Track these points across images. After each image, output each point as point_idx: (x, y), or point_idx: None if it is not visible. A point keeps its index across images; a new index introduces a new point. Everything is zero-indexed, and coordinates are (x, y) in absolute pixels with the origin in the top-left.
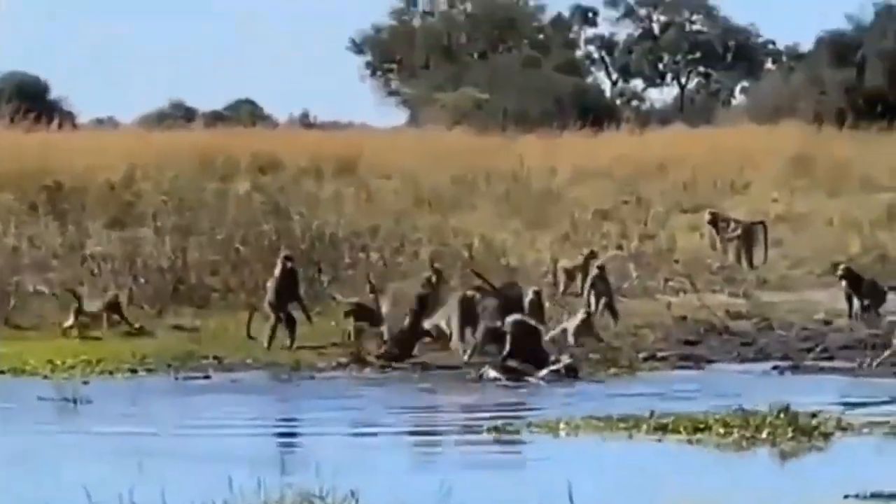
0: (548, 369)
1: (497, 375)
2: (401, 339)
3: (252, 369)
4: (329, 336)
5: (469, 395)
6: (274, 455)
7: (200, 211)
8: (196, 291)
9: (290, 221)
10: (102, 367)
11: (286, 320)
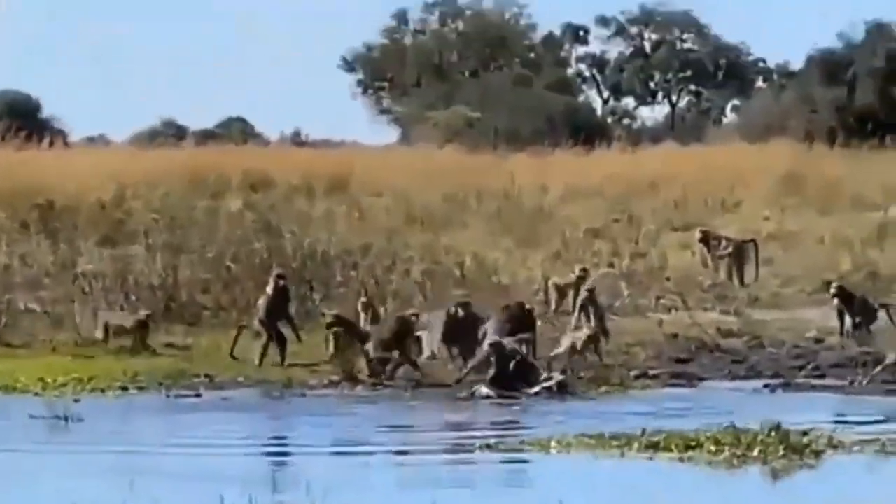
0: (540, 386)
1: (489, 393)
2: (386, 359)
3: (243, 387)
4: (320, 354)
5: (461, 413)
6: (265, 473)
7: (191, 229)
8: (187, 309)
9: (282, 239)
10: (94, 385)
11: (277, 338)
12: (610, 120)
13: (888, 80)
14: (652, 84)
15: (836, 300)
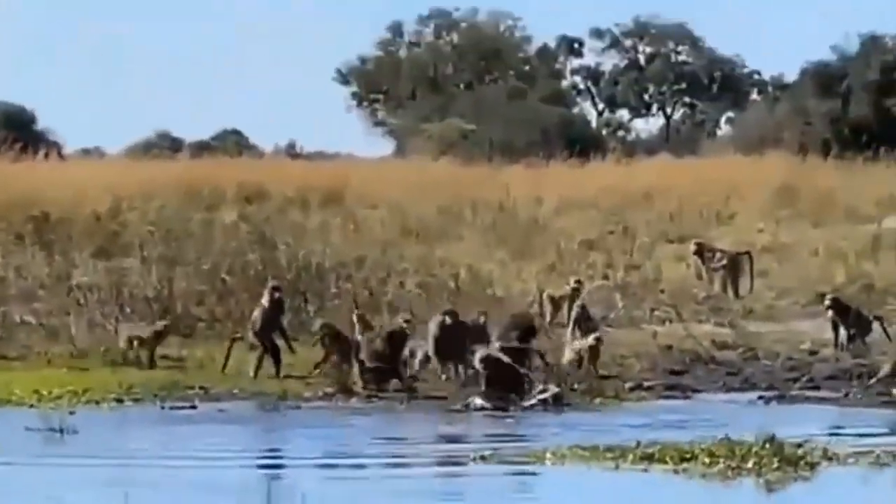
0: (536, 398)
1: (483, 404)
2: (380, 370)
3: (238, 399)
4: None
5: (455, 425)
6: (260, 485)
7: (186, 241)
8: (182, 321)
9: (277, 251)
10: (89, 397)
11: (272, 350)
12: (605, 132)
13: (882, 93)
14: (646, 96)
15: (831, 312)
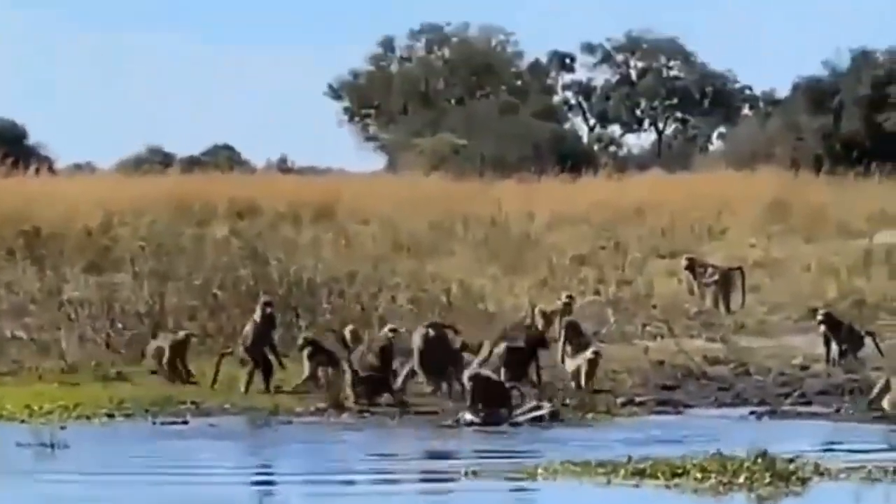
0: (530, 414)
1: (473, 419)
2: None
3: (230, 414)
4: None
5: (446, 440)
6: (252, 501)
7: (178, 256)
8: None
9: (268, 267)
10: (80, 412)
11: (263, 365)
12: (596, 147)
13: (874, 108)
14: (638, 111)
15: (823, 327)
